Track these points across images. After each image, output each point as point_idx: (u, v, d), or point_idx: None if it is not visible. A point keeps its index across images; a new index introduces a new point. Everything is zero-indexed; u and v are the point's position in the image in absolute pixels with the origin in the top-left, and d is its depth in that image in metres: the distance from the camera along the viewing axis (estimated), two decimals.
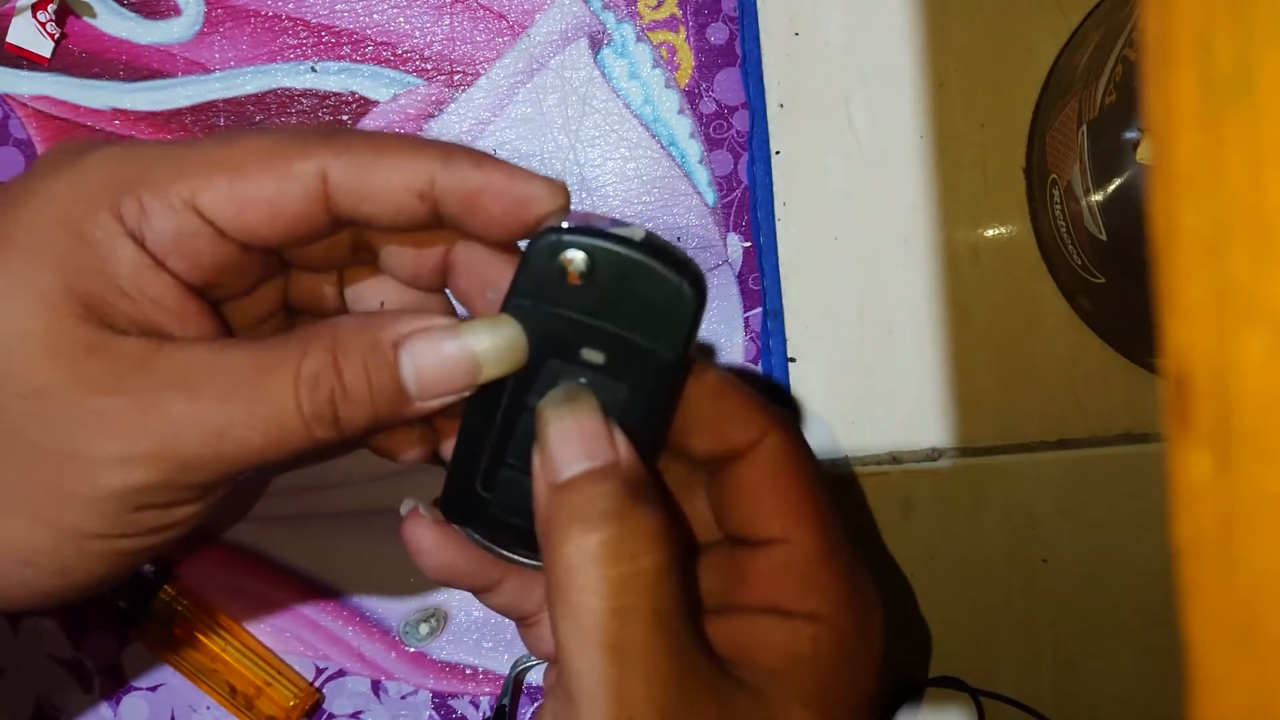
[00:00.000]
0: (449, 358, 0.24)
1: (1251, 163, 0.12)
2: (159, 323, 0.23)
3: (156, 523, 0.24)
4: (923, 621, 0.40)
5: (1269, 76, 0.12)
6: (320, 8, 0.39)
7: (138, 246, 0.23)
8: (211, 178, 0.23)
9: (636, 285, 0.25)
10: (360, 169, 0.24)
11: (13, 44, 0.38)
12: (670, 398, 0.27)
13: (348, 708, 0.40)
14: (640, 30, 0.39)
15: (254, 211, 0.23)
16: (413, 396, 0.24)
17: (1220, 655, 0.13)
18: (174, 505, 0.24)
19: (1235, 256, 0.12)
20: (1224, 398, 0.13)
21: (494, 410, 0.26)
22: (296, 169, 0.23)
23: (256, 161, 0.23)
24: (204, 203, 0.23)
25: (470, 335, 0.24)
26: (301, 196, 0.24)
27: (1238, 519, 0.13)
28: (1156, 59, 0.13)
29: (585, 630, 0.23)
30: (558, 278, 0.24)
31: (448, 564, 0.28)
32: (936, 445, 0.40)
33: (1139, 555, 0.40)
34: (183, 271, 0.24)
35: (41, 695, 0.39)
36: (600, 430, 0.25)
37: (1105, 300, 0.37)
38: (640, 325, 0.25)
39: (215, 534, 0.39)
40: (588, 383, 0.26)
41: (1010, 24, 0.39)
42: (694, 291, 0.25)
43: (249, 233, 0.24)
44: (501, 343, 0.24)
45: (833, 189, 0.40)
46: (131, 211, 0.23)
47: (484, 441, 0.27)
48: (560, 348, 0.25)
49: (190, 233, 0.23)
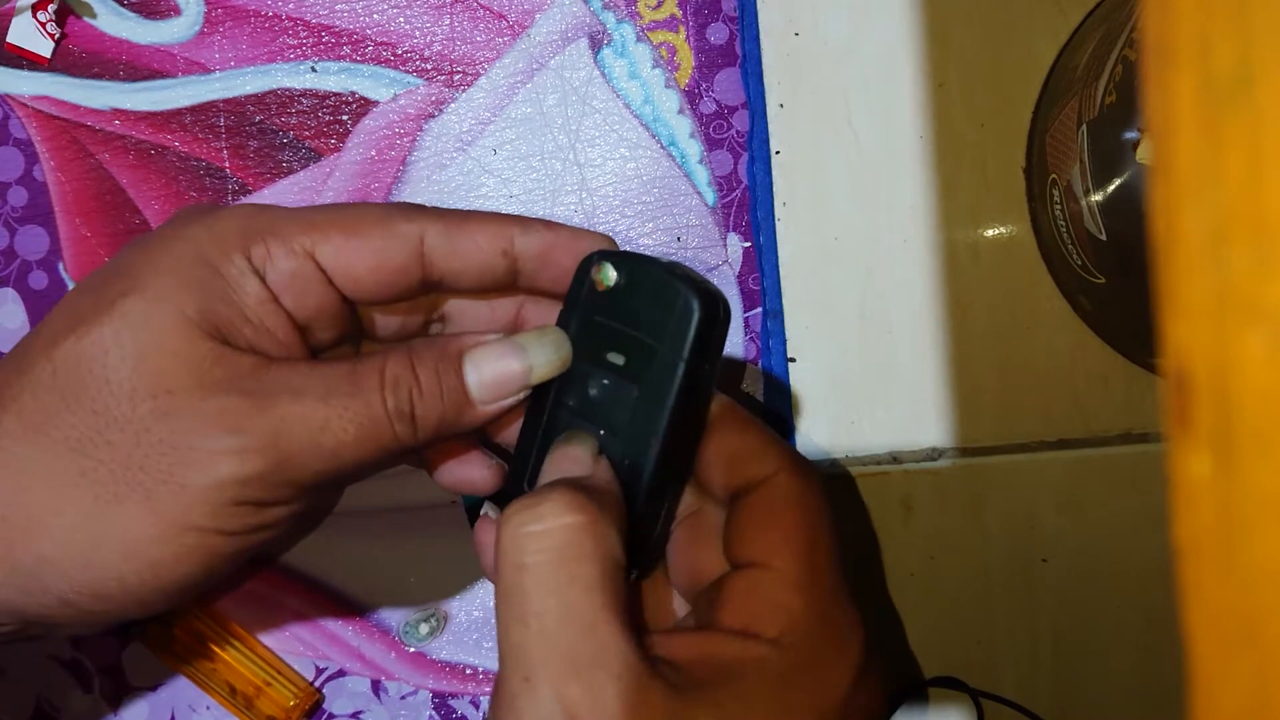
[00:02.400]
0: (505, 364, 0.28)
1: (1251, 163, 0.12)
2: (270, 349, 0.27)
3: (252, 521, 0.26)
4: (923, 622, 0.40)
5: (1269, 76, 0.12)
6: (320, 8, 0.39)
7: (262, 283, 0.27)
8: (328, 233, 0.28)
9: (654, 295, 0.28)
10: (452, 232, 0.28)
11: (13, 44, 0.38)
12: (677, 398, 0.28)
13: (348, 708, 0.40)
14: (640, 30, 0.39)
15: (362, 263, 0.28)
16: (475, 400, 0.28)
17: (1220, 655, 0.13)
18: (270, 505, 0.26)
19: (1235, 256, 0.12)
20: (1224, 398, 0.13)
21: (540, 413, 0.30)
22: (401, 229, 0.28)
23: (368, 223, 0.28)
24: (322, 253, 0.28)
25: (524, 342, 0.29)
26: (403, 252, 0.28)
27: (1238, 519, 0.13)
28: (1156, 59, 0.13)
29: (501, 588, 0.25)
30: (591, 289, 0.29)
31: None
32: (936, 445, 0.40)
33: (1139, 555, 0.40)
34: (291, 309, 0.28)
35: (41, 695, 0.39)
36: (583, 456, 0.28)
37: (1105, 300, 0.37)
38: (653, 329, 0.28)
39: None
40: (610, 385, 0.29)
41: (1010, 24, 0.39)
42: (702, 303, 0.27)
43: (355, 282, 0.28)
44: (550, 349, 0.29)
45: (833, 189, 0.40)
46: (259, 255, 0.27)
47: (533, 441, 0.30)
48: (591, 351, 0.29)
49: (304, 276, 0.28)
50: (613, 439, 0.29)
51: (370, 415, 0.26)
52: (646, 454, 0.28)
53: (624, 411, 0.28)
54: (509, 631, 0.25)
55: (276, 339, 0.28)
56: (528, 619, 0.25)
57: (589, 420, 0.29)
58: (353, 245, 0.28)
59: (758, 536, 0.28)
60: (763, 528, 0.28)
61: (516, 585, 0.25)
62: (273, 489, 0.26)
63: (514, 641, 0.25)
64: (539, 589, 0.25)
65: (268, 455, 0.25)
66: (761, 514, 0.29)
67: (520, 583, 0.25)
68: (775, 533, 0.28)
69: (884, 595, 0.40)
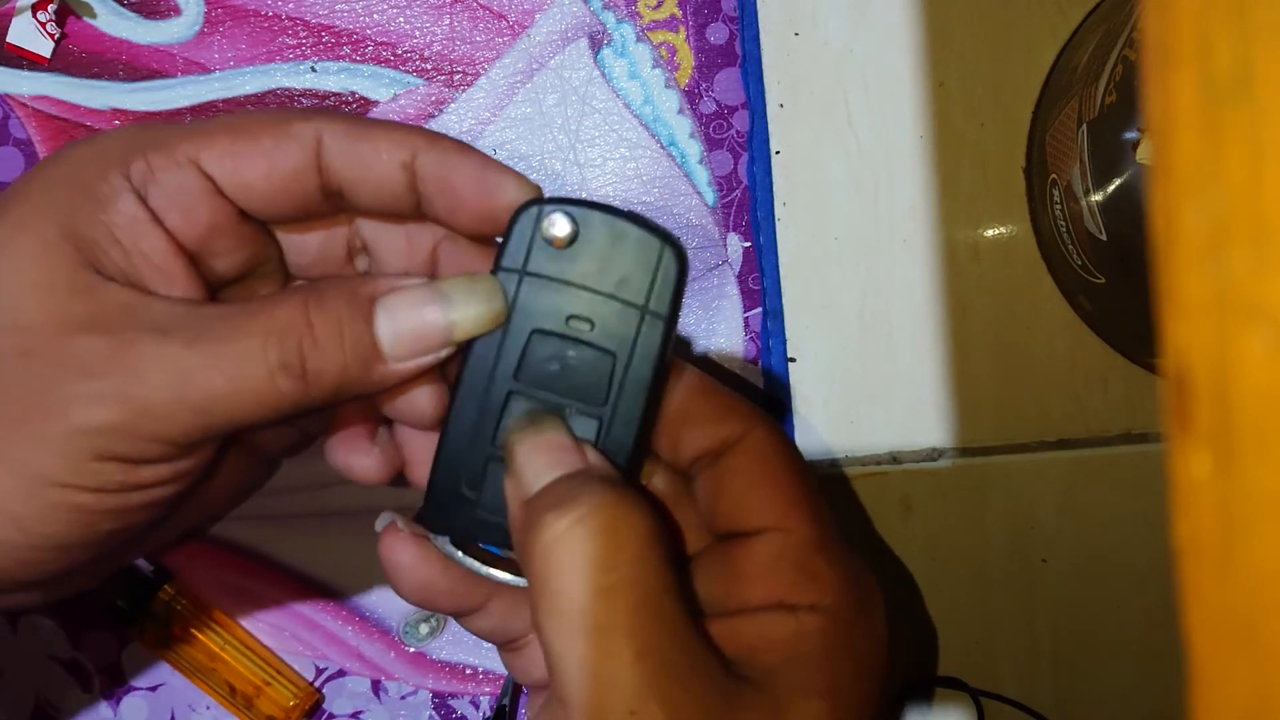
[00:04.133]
0: (425, 313, 0.24)
1: (1251, 163, 0.12)
2: (145, 277, 0.24)
3: (123, 479, 0.23)
4: (923, 621, 0.40)
5: (1269, 76, 0.12)
6: (320, 8, 0.39)
7: (138, 200, 0.24)
8: (215, 137, 0.24)
9: (621, 248, 0.25)
10: (352, 136, 0.25)
11: (13, 44, 0.38)
12: (660, 368, 0.26)
13: (348, 708, 0.40)
14: (640, 30, 0.39)
15: (251, 166, 0.24)
16: (386, 354, 0.24)
17: (1220, 655, 0.13)
18: (139, 462, 0.23)
19: (1235, 256, 0.12)
20: (1224, 398, 0.13)
21: (480, 396, 0.26)
22: (295, 129, 0.25)
23: (259, 124, 0.25)
24: (207, 160, 0.24)
25: (448, 289, 0.24)
26: (296, 155, 0.24)
27: (1238, 519, 0.13)
28: (1156, 59, 0.13)
29: (567, 619, 0.22)
30: (541, 245, 0.25)
31: (427, 583, 0.27)
32: (936, 445, 0.40)
33: (1139, 555, 0.40)
34: (178, 228, 0.24)
35: (41, 695, 0.39)
36: (567, 443, 0.25)
37: (1105, 300, 0.37)
38: (625, 288, 0.25)
39: (210, 530, 0.39)
40: (576, 356, 0.25)
41: (1010, 24, 0.39)
42: (677, 253, 0.25)
43: (246, 189, 0.25)
44: (480, 300, 0.24)
45: (833, 189, 0.40)
46: (139, 170, 0.24)
47: (469, 433, 0.26)
48: (547, 319, 0.25)
49: (189, 188, 0.24)
50: (583, 419, 0.26)
51: (245, 366, 0.23)
52: (629, 431, 0.26)
53: (597, 386, 0.25)
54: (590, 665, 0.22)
55: (154, 265, 0.24)
56: (620, 651, 0.22)
57: (551, 401, 0.26)
58: (240, 148, 0.24)
59: (756, 500, 0.26)
60: (758, 490, 0.26)
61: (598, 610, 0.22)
62: (138, 444, 0.23)
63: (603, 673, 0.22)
64: (627, 612, 0.22)
65: (126, 405, 0.22)
66: (751, 475, 0.26)
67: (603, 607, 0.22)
68: (775, 494, 0.26)
69: (884, 595, 0.40)
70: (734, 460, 0.27)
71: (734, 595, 0.26)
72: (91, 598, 0.39)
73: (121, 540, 0.25)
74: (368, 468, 0.28)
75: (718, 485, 0.27)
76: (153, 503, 0.24)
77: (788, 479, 0.27)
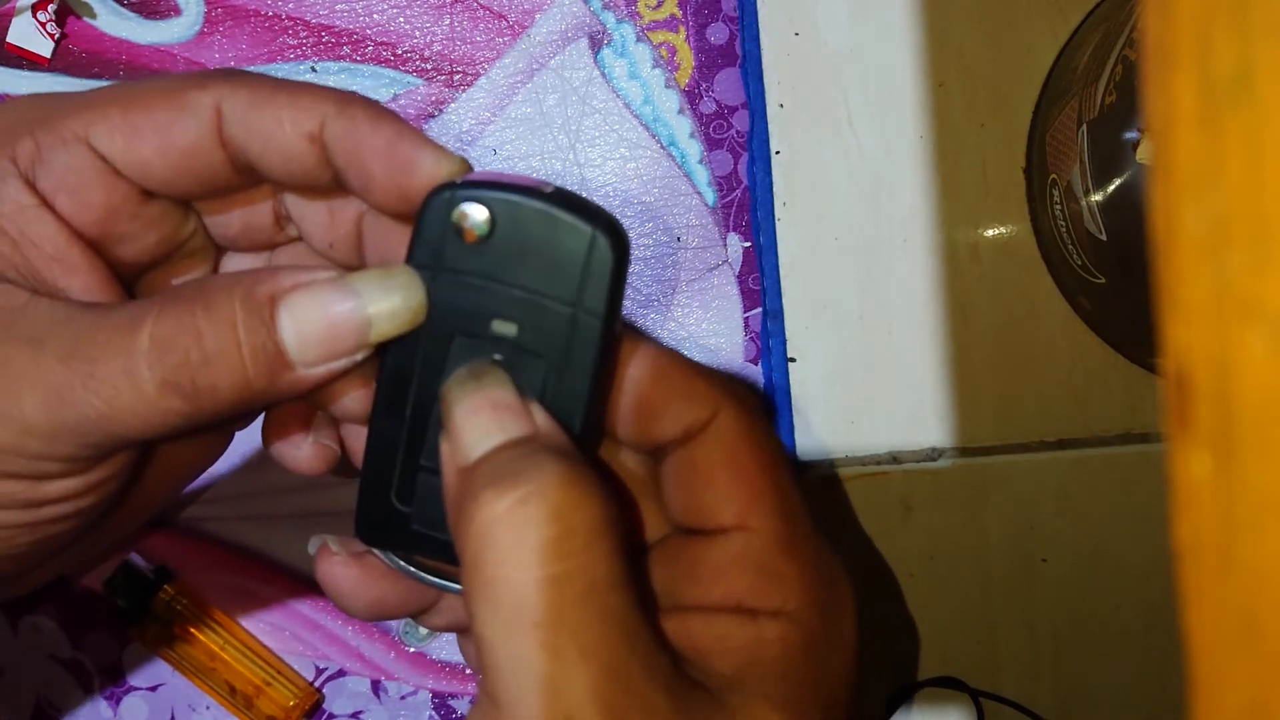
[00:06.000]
0: (335, 312, 0.21)
1: (1251, 163, 0.12)
2: (40, 268, 0.22)
3: (25, 495, 0.21)
4: (922, 622, 0.40)
5: (1269, 76, 0.12)
6: (320, 8, 0.39)
7: (24, 185, 0.22)
8: (105, 110, 0.22)
9: (544, 240, 0.22)
10: (254, 104, 0.22)
11: (13, 44, 0.38)
12: (599, 370, 0.23)
13: (348, 708, 0.40)
14: (640, 30, 0.39)
15: (145, 142, 0.22)
16: (293, 361, 0.21)
17: (1220, 655, 0.13)
18: (40, 478, 0.21)
19: (1235, 256, 0.12)
20: (1224, 398, 0.13)
21: (402, 405, 0.23)
22: (190, 99, 0.22)
23: (152, 94, 0.22)
24: (97, 136, 0.22)
25: (359, 285, 0.21)
26: (194, 127, 0.22)
27: (1238, 519, 0.13)
28: (1156, 59, 0.13)
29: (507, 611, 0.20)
30: (455, 239, 0.22)
31: (375, 601, 0.25)
32: (936, 445, 0.40)
33: (1139, 555, 0.40)
34: (72, 213, 0.22)
35: (41, 695, 0.39)
36: (512, 403, 0.22)
37: (1105, 300, 0.37)
38: (553, 284, 0.22)
39: (186, 524, 0.39)
40: (503, 359, 0.23)
41: (1010, 24, 0.39)
42: (611, 241, 0.22)
43: (142, 167, 0.22)
44: (396, 295, 0.22)
45: (833, 189, 0.40)
46: (26, 151, 0.22)
47: (395, 444, 0.24)
48: (467, 322, 0.23)
49: (80, 168, 0.22)
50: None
51: (123, 387, 0.20)
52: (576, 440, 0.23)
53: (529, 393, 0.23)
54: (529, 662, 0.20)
55: (47, 254, 0.22)
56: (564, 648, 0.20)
57: None
58: (132, 122, 0.22)
59: (719, 495, 0.24)
60: (721, 487, 0.24)
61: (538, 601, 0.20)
62: (29, 463, 0.21)
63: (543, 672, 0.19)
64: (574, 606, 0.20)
65: (6, 425, 0.20)
66: (715, 467, 0.24)
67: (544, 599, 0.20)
68: (739, 490, 0.24)
69: (884, 595, 0.40)
70: (696, 452, 0.24)
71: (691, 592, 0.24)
72: (91, 598, 0.39)
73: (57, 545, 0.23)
74: (299, 459, 0.26)
75: (679, 478, 0.25)
76: (72, 513, 0.22)
77: (754, 470, 0.24)
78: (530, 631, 0.20)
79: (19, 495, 0.21)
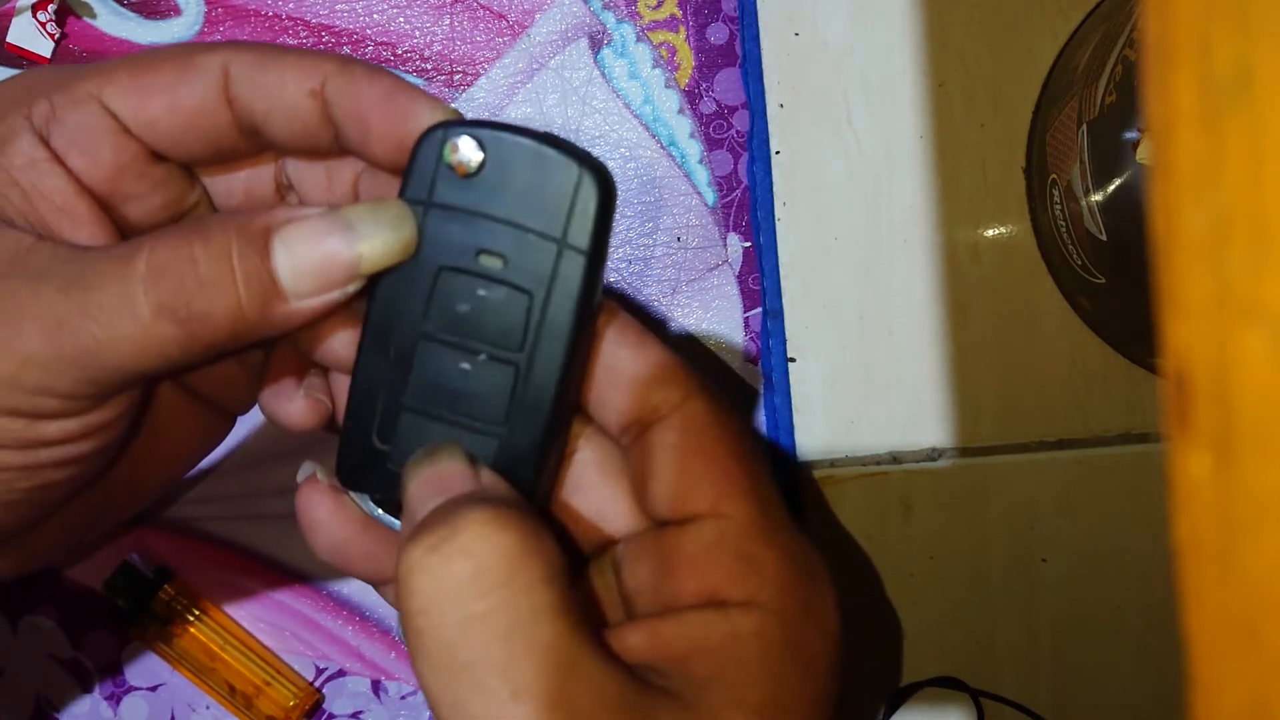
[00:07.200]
0: (328, 243, 0.22)
1: (1251, 163, 0.12)
2: (48, 219, 0.23)
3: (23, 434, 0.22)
4: (923, 621, 0.40)
5: (1269, 76, 0.12)
6: (320, 8, 0.39)
7: (38, 140, 0.23)
8: (116, 74, 0.23)
9: (533, 175, 0.23)
10: (259, 65, 0.23)
11: (13, 44, 0.38)
12: (585, 310, 0.23)
13: (348, 708, 0.40)
14: (640, 30, 0.39)
15: (155, 100, 0.23)
16: (286, 291, 0.22)
17: (1220, 655, 0.13)
18: (38, 416, 0.22)
19: (1235, 256, 0.12)
20: (1224, 398, 0.13)
21: (387, 343, 0.24)
22: (199, 61, 0.23)
23: (162, 58, 0.24)
24: (109, 95, 0.23)
25: (352, 217, 0.22)
26: (201, 88, 0.23)
27: (1238, 519, 0.13)
28: (1156, 59, 0.13)
29: (433, 657, 0.20)
30: (447, 173, 0.23)
31: (342, 542, 0.25)
32: (936, 445, 0.40)
33: (1139, 555, 0.40)
34: (83, 169, 0.23)
35: (41, 695, 0.39)
36: (459, 469, 0.23)
37: (1105, 300, 0.37)
38: (541, 219, 0.23)
39: (186, 524, 0.39)
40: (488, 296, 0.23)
41: (1010, 24, 0.39)
42: (597, 180, 0.23)
43: (151, 125, 0.23)
44: (386, 227, 0.22)
45: (833, 189, 0.40)
46: (41, 111, 0.23)
47: (379, 382, 0.24)
48: (456, 255, 0.23)
49: (91, 126, 0.23)
50: (500, 366, 0.24)
51: (120, 311, 0.21)
52: (549, 379, 0.23)
53: (513, 328, 0.23)
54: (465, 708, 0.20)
55: (55, 206, 0.23)
56: (495, 689, 0.20)
57: (462, 346, 0.24)
58: (142, 83, 0.23)
59: (693, 481, 0.24)
60: (695, 469, 0.24)
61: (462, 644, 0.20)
62: (27, 397, 0.21)
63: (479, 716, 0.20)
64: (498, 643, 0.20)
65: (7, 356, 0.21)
66: (688, 453, 0.24)
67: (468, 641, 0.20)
68: (715, 474, 0.24)
69: (884, 595, 0.40)
70: (663, 435, 0.24)
71: (664, 590, 0.24)
72: (91, 598, 0.39)
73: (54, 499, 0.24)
74: (290, 413, 0.26)
75: (646, 464, 0.24)
76: (70, 459, 0.23)
77: (726, 458, 0.24)
78: (460, 676, 0.20)
79: (17, 433, 0.22)
